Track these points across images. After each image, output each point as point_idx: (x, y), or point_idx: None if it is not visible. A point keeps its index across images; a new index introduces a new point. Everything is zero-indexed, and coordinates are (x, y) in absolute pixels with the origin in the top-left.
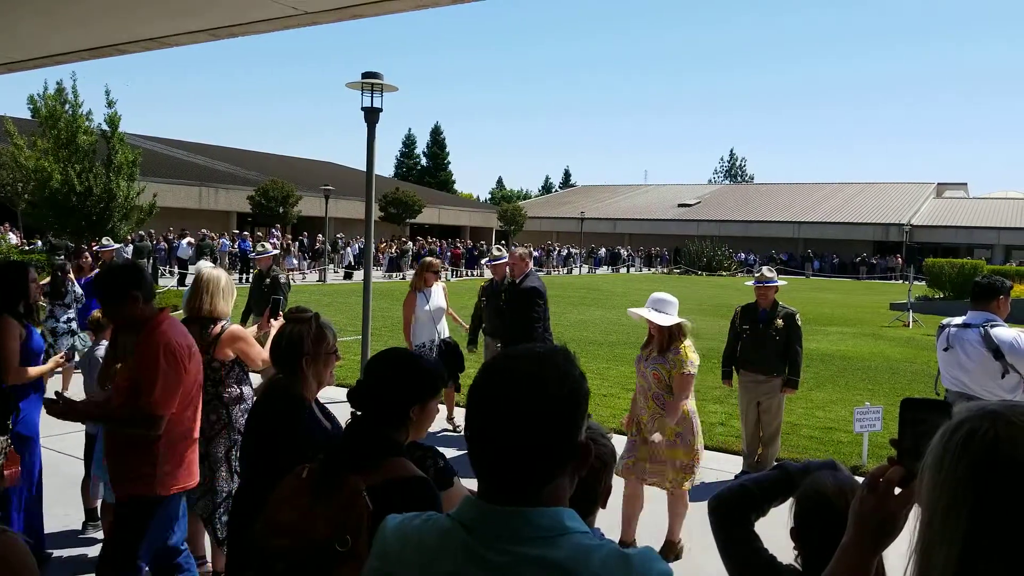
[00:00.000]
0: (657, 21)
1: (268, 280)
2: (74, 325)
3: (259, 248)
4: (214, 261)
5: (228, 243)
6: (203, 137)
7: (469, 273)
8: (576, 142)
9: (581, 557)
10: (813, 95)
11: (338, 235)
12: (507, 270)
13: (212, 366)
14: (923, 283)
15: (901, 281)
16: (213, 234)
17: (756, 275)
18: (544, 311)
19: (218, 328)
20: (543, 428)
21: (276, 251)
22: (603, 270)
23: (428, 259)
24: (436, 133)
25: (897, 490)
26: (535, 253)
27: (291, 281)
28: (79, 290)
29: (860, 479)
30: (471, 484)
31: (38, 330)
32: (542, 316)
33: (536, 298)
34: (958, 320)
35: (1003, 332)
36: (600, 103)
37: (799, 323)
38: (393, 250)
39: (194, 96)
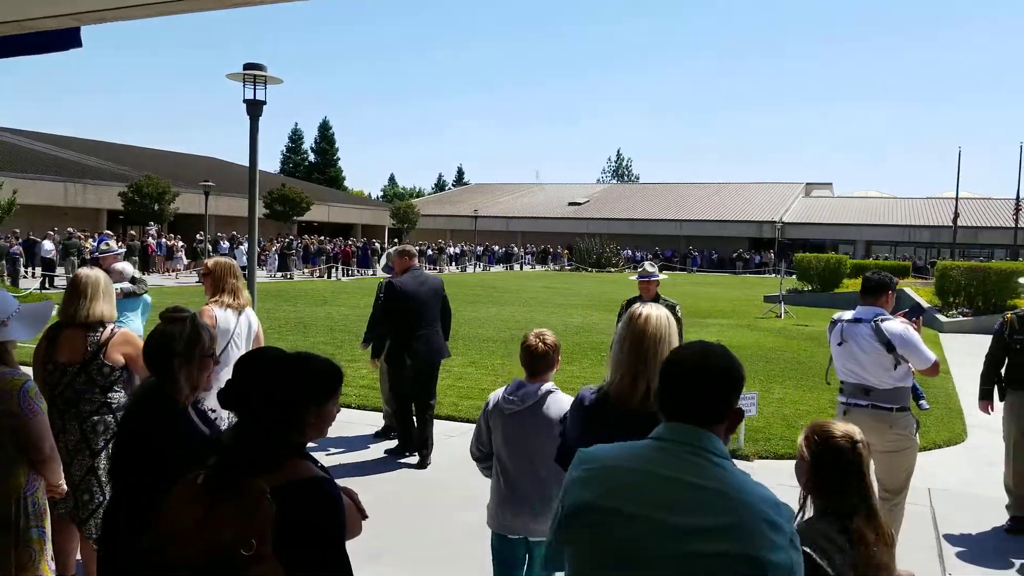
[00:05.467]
0: (547, 24)
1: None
2: None
3: (104, 247)
4: (83, 262)
5: (98, 242)
6: (70, 130)
7: (362, 272)
8: (470, 141)
9: (748, 484)
10: (693, 98)
11: (219, 234)
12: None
13: (102, 371)
14: (793, 277)
15: (773, 275)
16: (80, 233)
17: (639, 271)
18: (388, 307)
19: (107, 332)
20: (718, 385)
21: (122, 250)
22: (497, 268)
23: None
24: (324, 128)
25: None
26: (428, 251)
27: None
28: None
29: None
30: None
31: None
32: (390, 309)
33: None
34: (849, 315)
35: (892, 326)
36: (493, 102)
37: (679, 315)
38: (274, 249)
39: (60, 86)
